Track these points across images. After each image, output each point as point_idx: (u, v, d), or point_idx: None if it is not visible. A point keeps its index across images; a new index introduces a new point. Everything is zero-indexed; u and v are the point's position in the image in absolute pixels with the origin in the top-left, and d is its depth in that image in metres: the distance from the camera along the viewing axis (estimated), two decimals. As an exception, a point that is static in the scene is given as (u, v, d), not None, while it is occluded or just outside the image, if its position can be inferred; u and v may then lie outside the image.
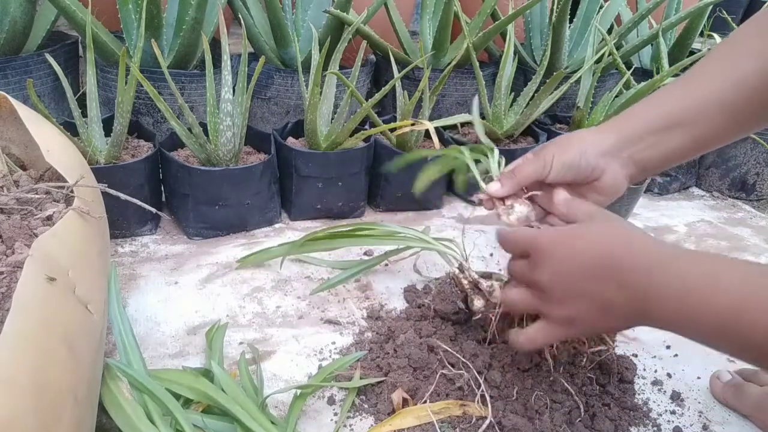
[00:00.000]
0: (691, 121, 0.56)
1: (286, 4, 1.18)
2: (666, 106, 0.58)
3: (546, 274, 0.51)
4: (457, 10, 1.16)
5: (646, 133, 0.58)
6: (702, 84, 0.57)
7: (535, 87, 1.13)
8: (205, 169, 0.92)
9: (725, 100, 0.55)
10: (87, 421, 0.47)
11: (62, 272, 0.47)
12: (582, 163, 0.59)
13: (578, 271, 0.49)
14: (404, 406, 0.63)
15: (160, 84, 1.00)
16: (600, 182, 0.60)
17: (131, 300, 0.80)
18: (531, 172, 0.60)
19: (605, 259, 0.48)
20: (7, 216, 0.58)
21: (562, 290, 0.50)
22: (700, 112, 0.56)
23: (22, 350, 0.38)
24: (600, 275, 0.48)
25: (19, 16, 0.99)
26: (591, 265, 0.48)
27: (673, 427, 0.67)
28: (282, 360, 0.72)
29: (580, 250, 0.50)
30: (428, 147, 1.12)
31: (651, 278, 0.45)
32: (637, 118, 0.59)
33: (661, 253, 0.47)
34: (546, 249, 0.52)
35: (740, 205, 1.32)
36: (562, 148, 0.60)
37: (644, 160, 0.59)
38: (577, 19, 1.38)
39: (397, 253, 0.89)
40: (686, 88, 0.58)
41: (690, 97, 0.57)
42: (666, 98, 0.59)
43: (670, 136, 0.57)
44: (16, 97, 0.68)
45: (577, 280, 0.49)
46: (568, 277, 0.50)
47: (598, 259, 0.48)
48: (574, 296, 0.50)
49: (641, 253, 0.47)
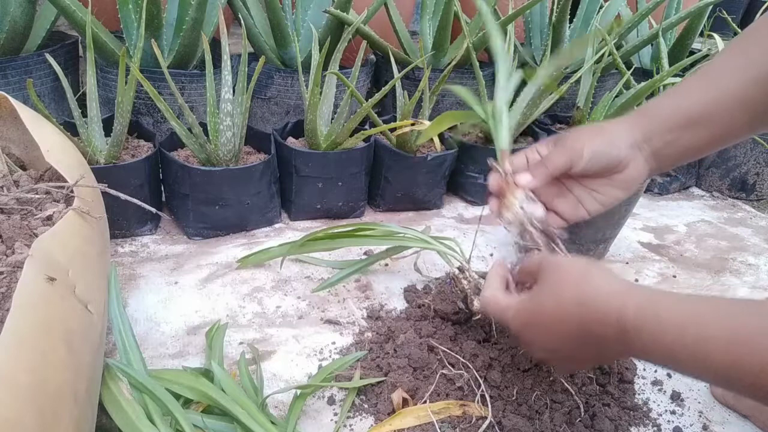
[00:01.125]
0: (711, 118, 0.55)
1: (286, 4, 1.18)
2: (686, 104, 0.57)
3: (534, 349, 0.53)
4: (457, 10, 1.16)
5: (668, 130, 0.57)
6: (722, 80, 0.56)
7: (535, 87, 1.13)
8: (205, 169, 0.92)
9: (745, 97, 0.54)
10: (87, 421, 0.47)
11: (62, 272, 0.47)
12: (612, 153, 0.57)
13: (561, 344, 0.49)
14: (404, 406, 0.63)
15: (160, 84, 1.00)
16: (623, 175, 0.58)
17: (131, 300, 0.80)
18: (563, 162, 0.57)
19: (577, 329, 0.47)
20: (7, 216, 0.58)
21: (556, 359, 0.53)
22: (721, 110, 0.55)
23: (22, 350, 0.38)
24: (582, 341, 0.48)
25: (19, 16, 0.99)
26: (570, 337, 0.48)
27: (673, 427, 0.67)
28: (282, 360, 0.72)
29: (550, 328, 0.49)
30: (428, 147, 1.12)
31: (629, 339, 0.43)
32: (658, 115, 0.58)
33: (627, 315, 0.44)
34: (522, 332, 0.53)
35: (740, 205, 1.32)
36: (591, 138, 0.57)
37: (663, 155, 0.58)
38: (577, 19, 1.38)
39: (397, 251, 0.89)
40: (706, 84, 0.57)
41: (710, 94, 0.56)
42: (687, 94, 0.58)
43: (690, 133, 0.56)
44: (16, 97, 0.68)
45: (564, 350, 0.50)
46: (556, 350, 0.51)
47: (570, 332, 0.48)
48: (569, 358, 0.51)
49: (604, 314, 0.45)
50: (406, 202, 1.11)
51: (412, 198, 1.11)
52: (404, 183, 1.08)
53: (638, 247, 1.08)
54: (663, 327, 0.41)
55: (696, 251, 1.08)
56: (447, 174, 1.11)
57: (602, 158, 0.57)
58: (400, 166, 1.06)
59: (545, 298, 0.50)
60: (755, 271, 1.02)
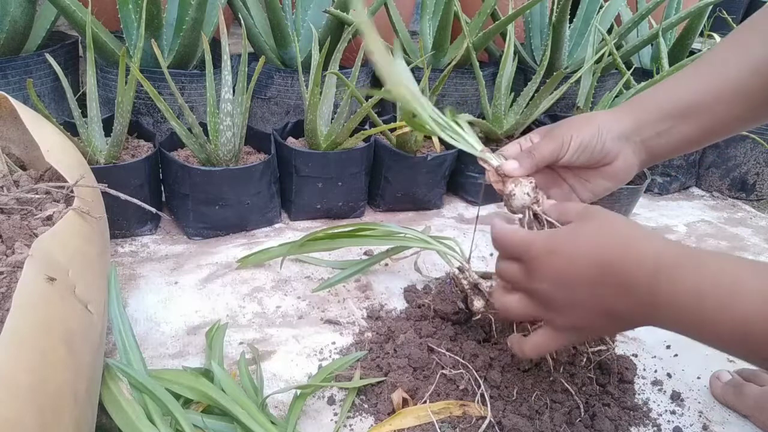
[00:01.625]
0: (706, 109, 0.55)
1: (286, 4, 1.18)
2: (681, 93, 0.56)
3: (545, 284, 0.49)
4: (457, 10, 1.16)
5: (661, 120, 0.56)
6: (720, 70, 0.55)
7: (535, 87, 1.14)
8: (205, 169, 0.92)
9: (743, 87, 0.53)
10: (87, 421, 0.47)
11: (62, 272, 0.47)
12: (598, 145, 0.56)
13: (579, 280, 0.46)
14: (404, 406, 0.63)
15: (160, 84, 1.00)
16: (611, 167, 0.58)
17: (131, 300, 0.80)
18: (549, 152, 0.57)
19: (606, 266, 0.45)
20: (7, 216, 0.58)
21: (563, 299, 0.48)
22: (716, 100, 0.54)
23: (22, 350, 0.38)
24: (602, 282, 0.45)
25: (19, 16, 0.99)
26: (592, 273, 0.46)
27: (673, 427, 0.67)
28: (282, 360, 0.72)
29: (579, 258, 0.47)
30: (428, 147, 1.12)
31: (659, 283, 0.42)
32: (652, 104, 0.57)
33: (667, 255, 0.43)
34: (542, 258, 0.49)
35: (740, 205, 1.32)
36: (580, 129, 0.57)
37: (656, 146, 0.57)
38: (577, 19, 1.38)
39: (397, 252, 0.89)
40: (703, 74, 0.56)
41: (705, 85, 0.55)
42: (681, 85, 0.57)
43: (684, 123, 0.56)
44: (16, 97, 0.68)
45: (578, 290, 0.47)
46: (569, 287, 0.47)
47: (598, 266, 0.46)
48: (577, 305, 0.47)
49: (644, 255, 0.44)
50: (406, 202, 1.11)
51: (412, 198, 1.11)
52: (404, 183, 1.08)
53: (638, 247, 1.08)
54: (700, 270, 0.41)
55: (696, 251, 1.08)
56: (447, 174, 1.11)
57: (588, 150, 0.56)
58: (400, 166, 1.06)
59: (584, 229, 0.48)
60: (755, 271, 1.02)
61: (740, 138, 1.28)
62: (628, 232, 0.47)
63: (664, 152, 0.58)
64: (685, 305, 0.41)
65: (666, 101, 0.56)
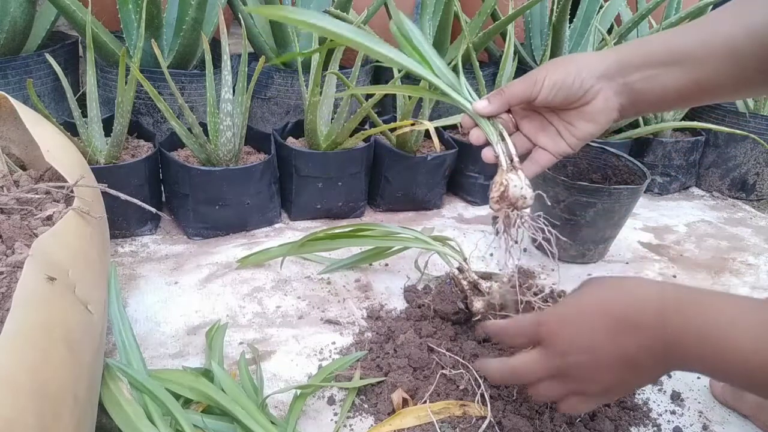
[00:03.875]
0: (694, 60, 0.53)
1: (286, 4, 1.18)
2: (671, 42, 0.55)
3: (569, 357, 0.49)
4: (457, 10, 1.16)
5: (646, 63, 0.54)
6: (710, 27, 0.54)
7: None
8: (205, 169, 0.92)
9: (734, 46, 0.52)
10: (87, 421, 0.47)
11: (62, 272, 0.47)
12: (575, 83, 0.55)
13: (598, 339, 0.47)
14: (404, 406, 0.63)
15: (160, 84, 1.00)
16: (590, 106, 0.56)
17: (131, 300, 0.80)
18: (520, 91, 0.57)
19: (618, 323, 0.47)
20: (7, 216, 0.58)
21: (589, 363, 0.48)
22: (706, 53, 0.53)
23: (22, 350, 0.38)
24: (618, 330, 0.46)
25: (19, 16, 0.99)
26: (606, 327, 0.47)
27: (673, 427, 0.66)
28: (282, 360, 0.72)
29: (591, 318, 0.48)
30: (428, 147, 1.12)
31: (665, 329, 0.44)
32: (639, 47, 0.56)
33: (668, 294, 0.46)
34: (557, 330, 0.50)
35: (740, 205, 1.32)
36: (555, 68, 0.56)
37: (640, 91, 0.55)
38: (577, 19, 1.38)
39: (397, 253, 0.89)
40: (697, 28, 0.55)
41: (697, 37, 0.54)
42: (673, 35, 0.56)
43: (670, 72, 0.54)
44: (16, 97, 0.68)
45: (600, 348, 0.47)
46: (591, 349, 0.48)
47: (610, 318, 0.47)
48: (603, 364, 0.48)
49: (648, 304, 0.46)
50: (406, 202, 1.11)
51: (412, 198, 1.11)
52: (404, 183, 1.08)
53: (638, 247, 1.08)
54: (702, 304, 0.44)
55: (696, 251, 1.08)
56: (447, 174, 1.11)
57: (565, 88, 0.55)
58: (400, 166, 1.06)
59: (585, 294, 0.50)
60: (755, 271, 1.02)
61: (740, 138, 1.28)
62: (625, 282, 0.50)
63: (649, 101, 0.56)
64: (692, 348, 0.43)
65: (656, 47, 0.55)
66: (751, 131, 1.24)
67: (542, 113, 0.60)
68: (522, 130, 0.62)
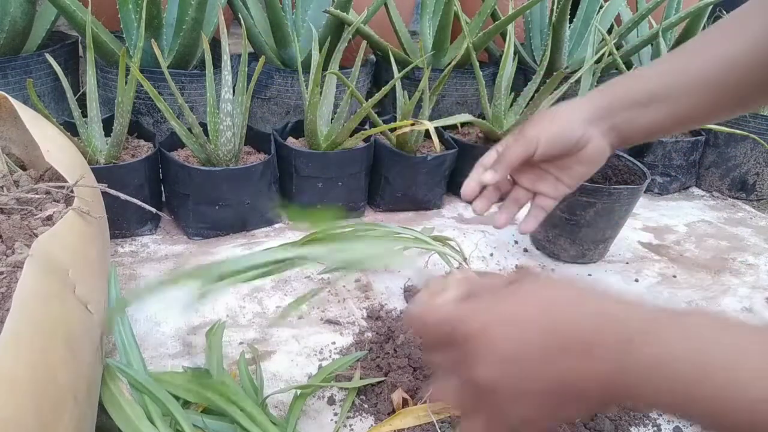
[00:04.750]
0: (671, 97, 0.55)
1: (286, 4, 1.18)
2: (648, 82, 0.57)
3: (489, 370, 0.36)
4: (457, 10, 1.16)
5: (625, 107, 0.57)
6: (686, 60, 0.55)
7: (535, 87, 1.14)
8: (205, 169, 0.92)
9: (709, 78, 0.53)
10: (87, 421, 0.47)
11: (62, 272, 0.47)
12: (567, 134, 0.58)
13: (528, 352, 0.35)
14: (404, 406, 0.63)
15: (160, 84, 1.00)
16: (584, 151, 0.59)
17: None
18: (520, 153, 0.59)
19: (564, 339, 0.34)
20: (7, 216, 0.58)
21: (513, 386, 0.35)
22: (683, 90, 0.54)
23: (22, 350, 0.38)
24: (559, 347, 0.34)
25: (19, 16, 0.99)
26: (544, 341, 0.35)
27: (673, 427, 0.66)
28: (282, 360, 0.72)
29: (524, 325, 0.36)
30: (428, 147, 1.12)
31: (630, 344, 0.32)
32: (617, 91, 0.58)
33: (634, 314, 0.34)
34: (479, 335, 0.36)
35: (740, 205, 1.32)
36: (546, 123, 0.59)
37: (625, 130, 0.58)
38: (577, 19, 1.38)
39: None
40: (670, 63, 0.57)
41: (673, 74, 0.55)
42: (649, 73, 0.58)
43: (649, 111, 0.56)
44: (16, 97, 0.68)
45: (530, 368, 0.35)
46: (518, 367, 0.35)
47: (551, 331, 0.34)
48: (531, 390, 0.35)
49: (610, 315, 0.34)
50: (406, 202, 1.11)
51: (412, 198, 1.11)
52: (404, 183, 1.08)
53: (638, 247, 1.08)
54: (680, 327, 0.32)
55: (696, 251, 1.08)
56: (447, 174, 1.11)
57: (558, 142, 0.58)
58: (400, 166, 1.06)
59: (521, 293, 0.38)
60: (755, 271, 1.02)
61: (740, 138, 1.28)
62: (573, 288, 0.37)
63: (637, 137, 0.59)
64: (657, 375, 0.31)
65: (632, 89, 0.57)
66: (751, 131, 1.24)
67: (537, 165, 0.63)
68: (521, 184, 0.65)
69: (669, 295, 0.92)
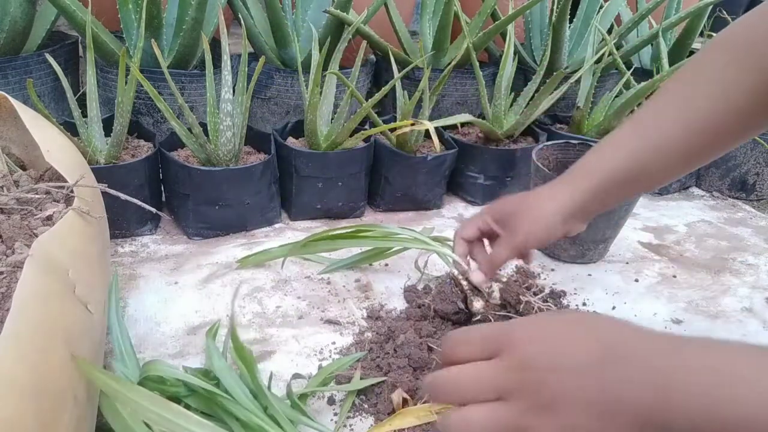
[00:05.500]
0: (647, 173, 0.57)
1: (286, 4, 1.18)
2: (621, 161, 0.57)
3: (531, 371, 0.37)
4: (457, 10, 1.16)
5: (602, 191, 0.59)
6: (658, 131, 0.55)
7: (535, 87, 1.14)
8: (205, 169, 0.92)
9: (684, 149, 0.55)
10: (87, 422, 0.47)
11: (62, 272, 0.47)
12: (552, 233, 0.62)
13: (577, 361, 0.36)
14: (404, 406, 0.63)
15: (160, 84, 1.00)
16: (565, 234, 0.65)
17: (131, 300, 0.80)
18: (509, 254, 0.65)
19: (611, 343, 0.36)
20: (7, 216, 0.58)
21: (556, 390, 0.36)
22: (660, 165, 0.56)
23: (22, 350, 0.38)
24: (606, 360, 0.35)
25: (19, 16, 0.99)
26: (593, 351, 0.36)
27: None
28: (282, 360, 0.72)
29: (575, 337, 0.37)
30: (428, 147, 1.12)
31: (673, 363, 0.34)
32: (592, 177, 0.59)
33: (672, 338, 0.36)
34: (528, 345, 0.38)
35: (740, 205, 1.32)
36: (530, 229, 0.62)
37: (596, 210, 0.63)
38: (577, 19, 1.38)
39: (397, 253, 0.89)
40: (643, 135, 0.57)
41: (647, 149, 0.56)
42: (622, 149, 0.58)
43: (625, 189, 0.60)
44: (16, 97, 0.68)
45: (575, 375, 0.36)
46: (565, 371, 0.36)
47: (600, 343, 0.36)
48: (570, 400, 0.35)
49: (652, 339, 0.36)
50: (406, 202, 1.11)
51: (412, 198, 1.11)
52: (404, 183, 1.08)
53: (638, 247, 1.08)
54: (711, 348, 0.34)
55: (696, 251, 1.08)
56: (447, 174, 1.11)
57: (543, 242, 0.63)
58: (400, 166, 1.06)
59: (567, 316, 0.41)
60: (755, 271, 1.02)
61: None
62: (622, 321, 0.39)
63: (605, 209, 0.65)
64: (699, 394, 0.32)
65: (607, 172, 0.59)
66: (751, 131, 1.24)
67: None
68: None
69: (669, 295, 0.92)
